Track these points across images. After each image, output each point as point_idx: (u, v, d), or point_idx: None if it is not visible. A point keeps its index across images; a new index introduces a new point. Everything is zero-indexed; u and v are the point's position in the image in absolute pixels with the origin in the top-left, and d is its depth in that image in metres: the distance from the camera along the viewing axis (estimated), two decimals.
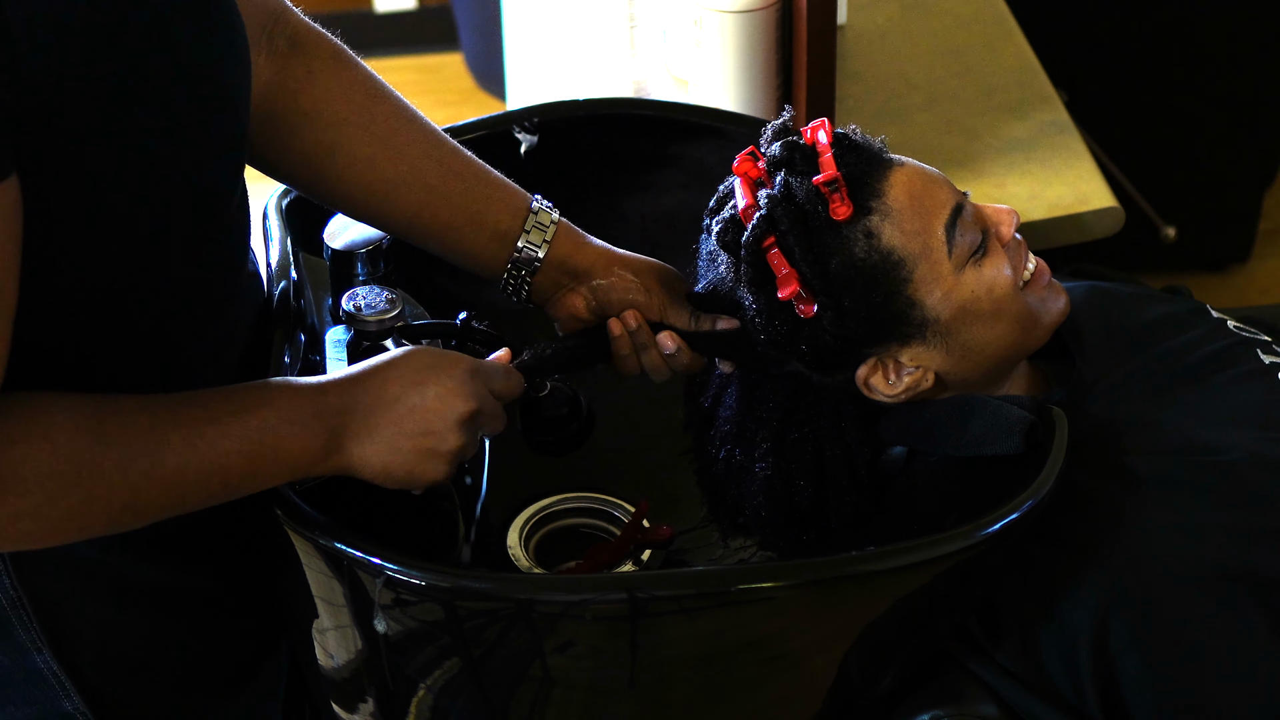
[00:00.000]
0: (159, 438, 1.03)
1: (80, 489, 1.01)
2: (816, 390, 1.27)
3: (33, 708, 1.18)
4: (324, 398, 1.10)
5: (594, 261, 1.28)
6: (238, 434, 1.06)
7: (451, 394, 1.13)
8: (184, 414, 1.05)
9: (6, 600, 1.13)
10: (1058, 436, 1.18)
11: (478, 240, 1.26)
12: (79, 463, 1.00)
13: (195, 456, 1.04)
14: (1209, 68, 2.50)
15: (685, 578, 1.20)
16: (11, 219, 0.93)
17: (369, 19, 3.45)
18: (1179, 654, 1.17)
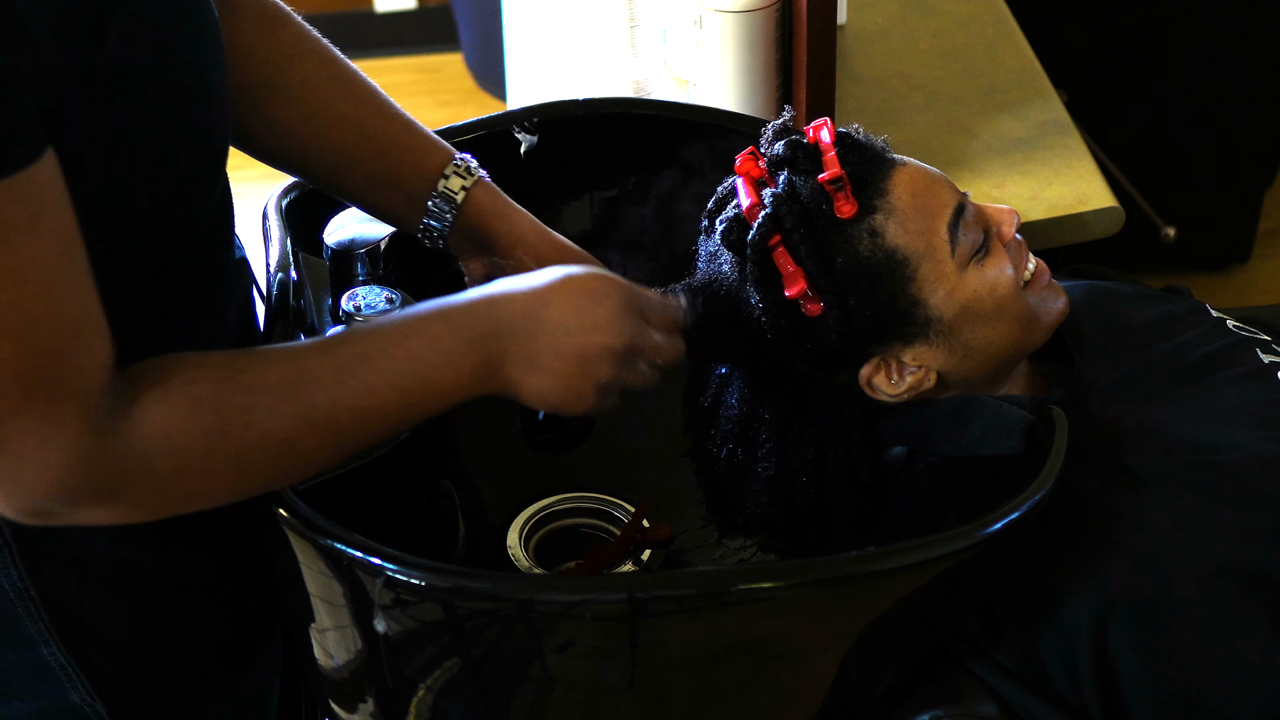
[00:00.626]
0: (305, 379, 1.03)
1: (232, 439, 1.01)
2: (819, 390, 1.27)
3: (39, 701, 1.18)
4: (476, 321, 1.08)
5: (500, 237, 1.26)
6: (386, 368, 1.05)
7: (602, 327, 1.10)
8: (331, 353, 1.05)
9: (14, 592, 1.13)
10: (1057, 436, 1.18)
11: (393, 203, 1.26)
12: (226, 414, 1.00)
13: (346, 394, 1.03)
14: (1209, 67, 2.50)
15: (685, 578, 1.20)
16: (63, 188, 0.94)
17: (369, 19, 3.45)
18: (1179, 653, 1.17)
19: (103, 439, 0.97)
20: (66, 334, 0.95)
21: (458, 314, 1.08)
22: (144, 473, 1.00)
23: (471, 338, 1.08)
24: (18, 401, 0.94)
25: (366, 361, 1.05)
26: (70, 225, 0.94)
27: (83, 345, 0.96)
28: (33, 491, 0.97)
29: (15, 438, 0.95)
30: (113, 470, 0.98)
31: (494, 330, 1.08)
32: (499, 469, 1.45)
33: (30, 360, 0.93)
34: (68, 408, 0.95)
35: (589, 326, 1.10)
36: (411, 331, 1.07)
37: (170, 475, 1.00)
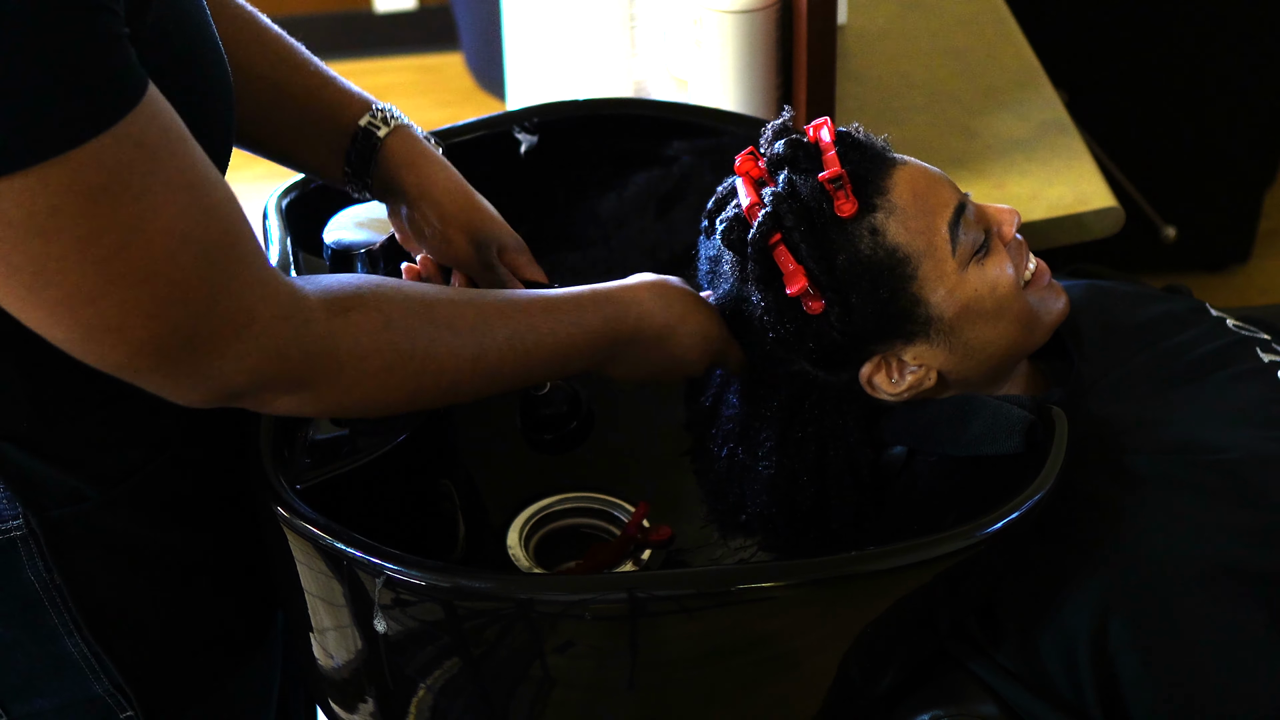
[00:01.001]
0: (487, 332, 1.13)
1: (415, 362, 1.10)
2: (820, 389, 1.27)
3: (60, 696, 1.18)
4: (623, 324, 1.20)
5: (408, 187, 1.29)
6: (549, 344, 1.16)
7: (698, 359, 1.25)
8: (509, 314, 1.15)
9: (39, 583, 1.13)
10: (1057, 436, 1.18)
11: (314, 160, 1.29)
12: (414, 338, 1.09)
13: (513, 355, 1.14)
14: (1209, 67, 2.50)
15: (685, 578, 1.20)
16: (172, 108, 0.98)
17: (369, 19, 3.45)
18: (1179, 654, 1.17)
19: (292, 328, 1.03)
20: (228, 227, 1.00)
21: (614, 314, 1.20)
22: (331, 369, 1.06)
23: (615, 338, 1.20)
24: (207, 303, 0.99)
25: (535, 334, 1.16)
26: (184, 127, 0.99)
27: (243, 233, 1.02)
28: (232, 381, 1.03)
29: (211, 337, 1.00)
30: (302, 361, 1.05)
31: (632, 336, 1.21)
32: (499, 469, 1.45)
33: (206, 264, 0.98)
34: (252, 297, 1.01)
35: (690, 355, 1.24)
36: (577, 318, 1.18)
37: (353, 378, 1.07)
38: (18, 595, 1.14)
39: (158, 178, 0.95)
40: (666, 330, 1.22)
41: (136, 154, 0.94)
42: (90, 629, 1.16)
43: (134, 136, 0.93)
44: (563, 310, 1.17)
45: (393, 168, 1.28)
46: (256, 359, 1.02)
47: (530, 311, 1.16)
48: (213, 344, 1.00)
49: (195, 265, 0.97)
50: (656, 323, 1.21)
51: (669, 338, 1.22)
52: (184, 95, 1.04)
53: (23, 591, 1.14)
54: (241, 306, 1.00)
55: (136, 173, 0.94)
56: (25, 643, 1.16)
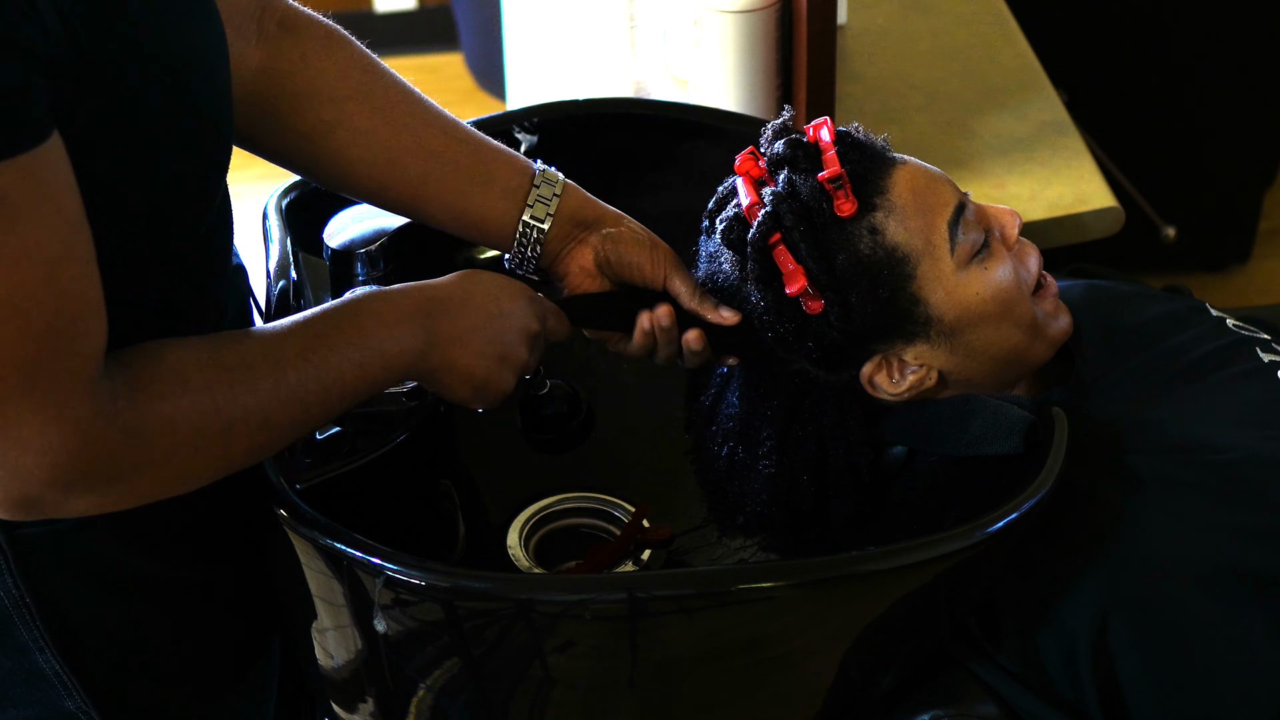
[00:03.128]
0: (277, 356, 1.08)
1: (221, 415, 1.05)
2: (820, 388, 1.27)
3: (33, 709, 1.18)
4: (412, 299, 1.16)
5: (603, 213, 1.29)
6: (343, 344, 1.11)
7: (522, 311, 1.20)
8: (294, 334, 1.10)
9: (9, 599, 1.12)
10: (1057, 436, 1.18)
11: (487, 200, 1.26)
12: (213, 391, 1.04)
13: (312, 370, 1.09)
14: (1209, 68, 2.50)
15: (685, 578, 1.20)
16: (69, 171, 0.94)
17: (369, 19, 3.45)
18: (1179, 654, 1.17)
19: (103, 422, 0.98)
20: (69, 317, 0.95)
21: (395, 293, 1.16)
22: (141, 454, 1.01)
23: (412, 311, 1.15)
24: (19, 386, 0.94)
25: (325, 340, 1.11)
26: (76, 208, 0.95)
27: (84, 329, 0.97)
28: (31, 478, 0.97)
29: (15, 422, 0.95)
30: (112, 454, 0.99)
31: (428, 306, 1.16)
32: (499, 469, 1.45)
33: (33, 344, 0.94)
34: (69, 392, 0.96)
35: (508, 310, 1.19)
36: (358, 310, 1.13)
37: (166, 455, 1.03)
38: None
39: (10, 239, 0.91)
40: (462, 291, 1.18)
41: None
42: (58, 648, 1.15)
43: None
44: (340, 309, 1.13)
45: (577, 206, 1.28)
46: (61, 454, 0.96)
47: (311, 322, 1.11)
48: (17, 430, 0.95)
49: (19, 342, 0.93)
50: (448, 287, 1.17)
51: (469, 299, 1.17)
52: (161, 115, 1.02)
53: None
54: (56, 398, 0.95)
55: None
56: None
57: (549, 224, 1.27)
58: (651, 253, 1.27)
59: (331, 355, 1.10)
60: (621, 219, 1.29)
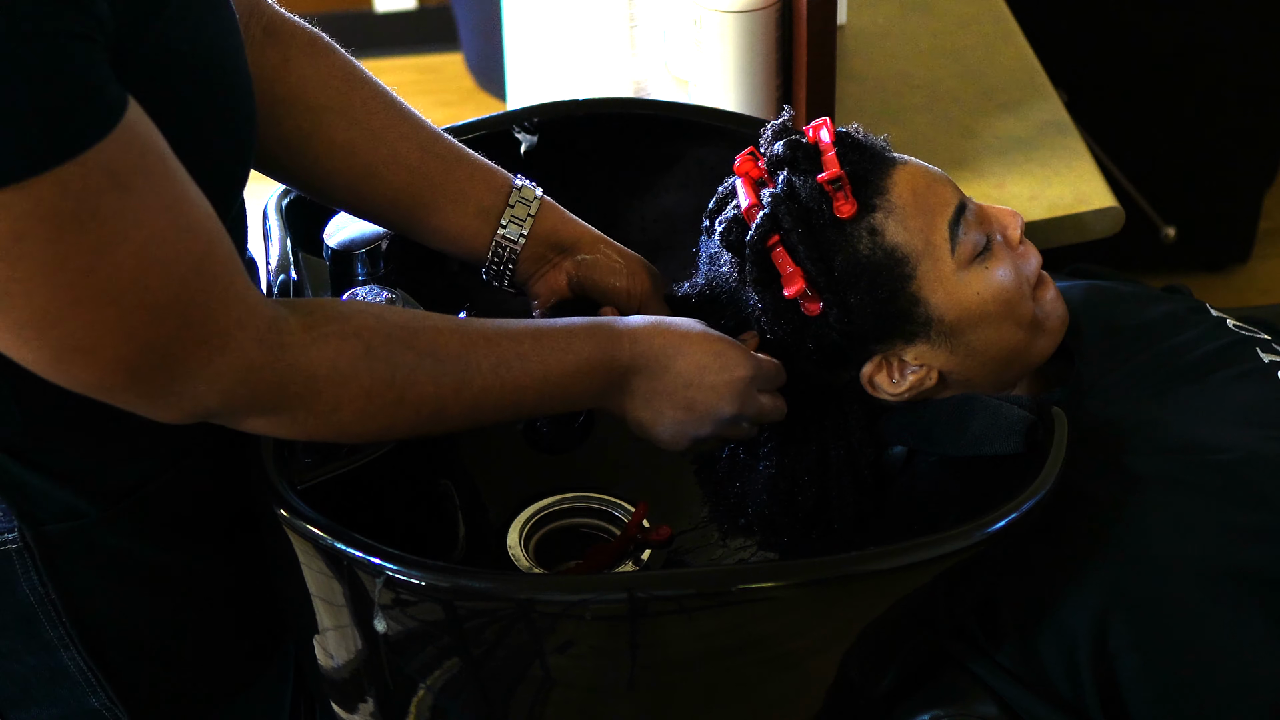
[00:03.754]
0: (471, 360, 1.10)
1: (395, 390, 1.08)
2: (821, 389, 1.27)
3: (58, 707, 1.18)
4: (620, 350, 1.16)
5: (580, 236, 1.28)
6: (538, 373, 1.13)
7: (721, 393, 1.19)
8: (495, 342, 1.12)
9: (34, 597, 1.13)
10: (1057, 436, 1.18)
11: (461, 218, 1.26)
12: (394, 365, 1.07)
13: (499, 383, 1.12)
14: (1209, 68, 2.50)
15: (685, 578, 1.20)
16: (151, 123, 0.97)
17: (369, 19, 3.45)
18: (1179, 654, 1.17)
19: (268, 351, 1.02)
20: (202, 248, 0.99)
21: (607, 339, 1.16)
22: (307, 394, 1.05)
23: (611, 364, 1.16)
24: (179, 323, 0.98)
25: (523, 362, 1.13)
26: (168, 150, 0.98)
27: (218, 253, 1.00)
28: (204, 401, 1.02)
29: (183, 357, 0.99)
30: (277, 384, 1.03)
31: (630, 363, 1.17)
32: (499, 469, 1.45)
33: (178, 284, 0.97)
34: (227, 321, 1.00)
35: (708, 387, 1.18)
36: (567, 346, 1.15)
37: (330, 404, 1.06)
38: (13, 608, 1.14)
39: (129, 203, 0.94)
40: (666, 354, 1.17)
41: (106, 181, 0.93)
42: (84, 644, 1.16)
43: (104, 164, 0.92)
44: (552, 338, 1.14)
45: (552, 227, 1.28)
46: (230, 381, 1.01)
47: (518, 339, 1.13)
48: (186, 365, 0.99)
49: (166, 287, 0.97)
50: (654, 347, 1.17)
51: (670, 364, 1.17)
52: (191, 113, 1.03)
53: (18, 604, 1.13)
54: (216, 329, 0.99)
55: (106, 198, 0.93)
56: (22, 654, 1.16)
57: (522, 243, 1.27)
58: (628, 282, 1.28)
59: (522, 378, 1.12)
60: (600, 244, 1.29)
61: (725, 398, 1.19)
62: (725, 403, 1.19)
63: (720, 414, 1.19)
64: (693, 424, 1.20)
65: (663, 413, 1.19)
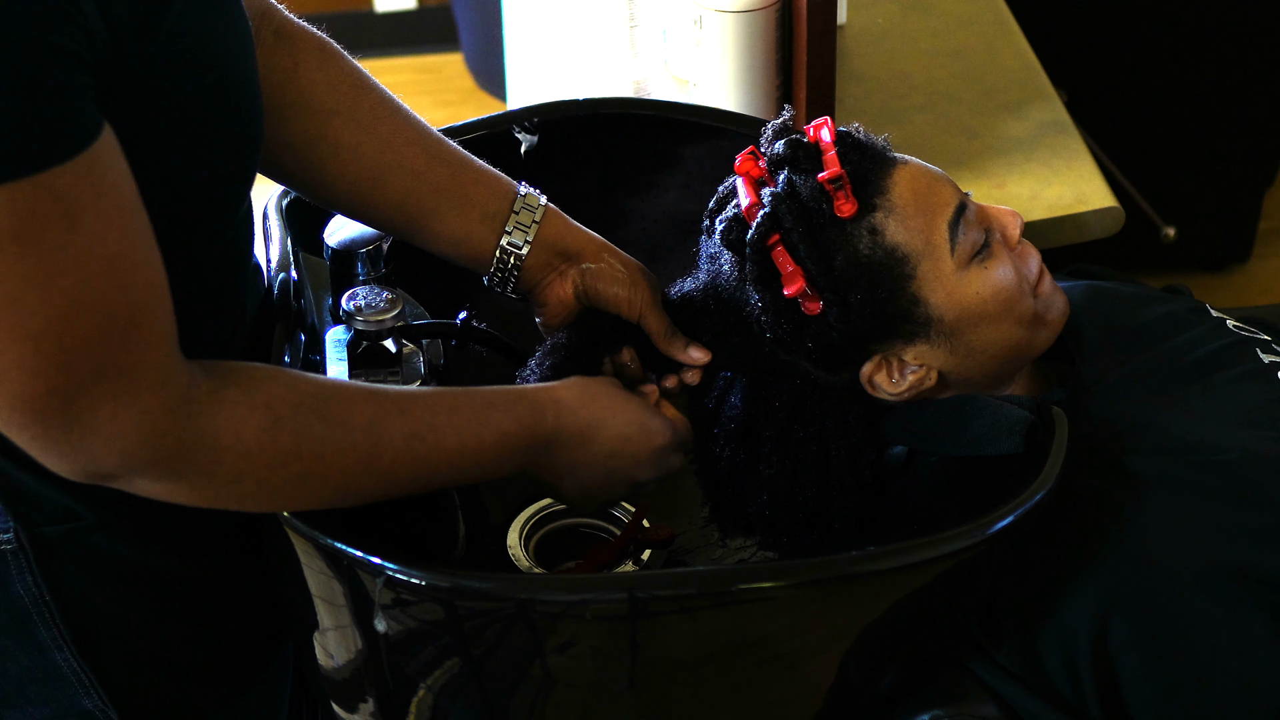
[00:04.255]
0: (381, 430, 1.08)
1: (300, 462, 1.05)
2: (822, 389, 1.27)
3: (51, 706, 1.18)
4: (541, 426, 1.16)
5: (584, 244, 1.28)
6: (453, 445, 1.11)
7: (642, 462, 1.21)
8: (409, 414, 1.10)
9: (29, 598, 1.13)
10: (1058, 436, 1.18)
11: (466, 224, 1.26)
12: (301, 437, 1.05)
13: (410, 455, 1.10)
14: (1209, 68, 2.50)
15: (685, 578, 1.20)
16: (124, 162, 0.96)
17: (369, 19, 3.45)
18: (1179, 654, 1.17)
19: (174, 418, 1.00)
20: (133, 308, 0.97)
21: (528, 413, 1.15)
22: (208, 462, 1.02)
23: (532, 441, 1.15)
24: (90, 375, 0.96)
25: (437, 435, 1.11)
26: (133, 198, 0.97)
27: (150, 317, 0.99)
28: (100, 459, 1.00)
29: (88, 408, 0.97)
30: (179, 450, 1.01)
31: (552, 438, 1.16)
32: None
33: (100, 336, 0.96)
34: (139, 382, 0.98)
35: (629, 456, 1.20)
36: (485, 420, 1.13)
37: (232, 474, 1.03)
38: (8, 608, 1.14)
39: (72, 239, 0.93)
40: (590, 427, 1.17)
41: (55, 209, 0.91)
42: (78, 646, 1.16)
43: (57, 190, 0.91)
44: (469, 409, 1.13)
45: (557, 234, 1.27)
46: (130, 442, 0.99)
47: (434, 409, 1.11)
48: (88, 417, 0.97)
49: (88, 334, 0.95)
50: (579, 419, 1.17)
51: (595, 436, 1.17)
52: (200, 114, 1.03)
53: (12, 605, 1.13)
54: (126, 387, 0.97)
55: (52, 228, 0.91)
56: (16, 654, 1.16)
57: (526, 250, 1.26)
58: (630, 291, 1.27)
59: (435, 452, 1.11)
60: (604, 251, 1.29)
61: (644, 465, 1.21)
62: (644, 470, 1.22)
63: (637, 479, 1.22)
64: (607, 490, 1.22)
65: (584, 483, 1.20)
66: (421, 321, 1.29)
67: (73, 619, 1.15)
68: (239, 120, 1.08)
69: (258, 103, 1.11)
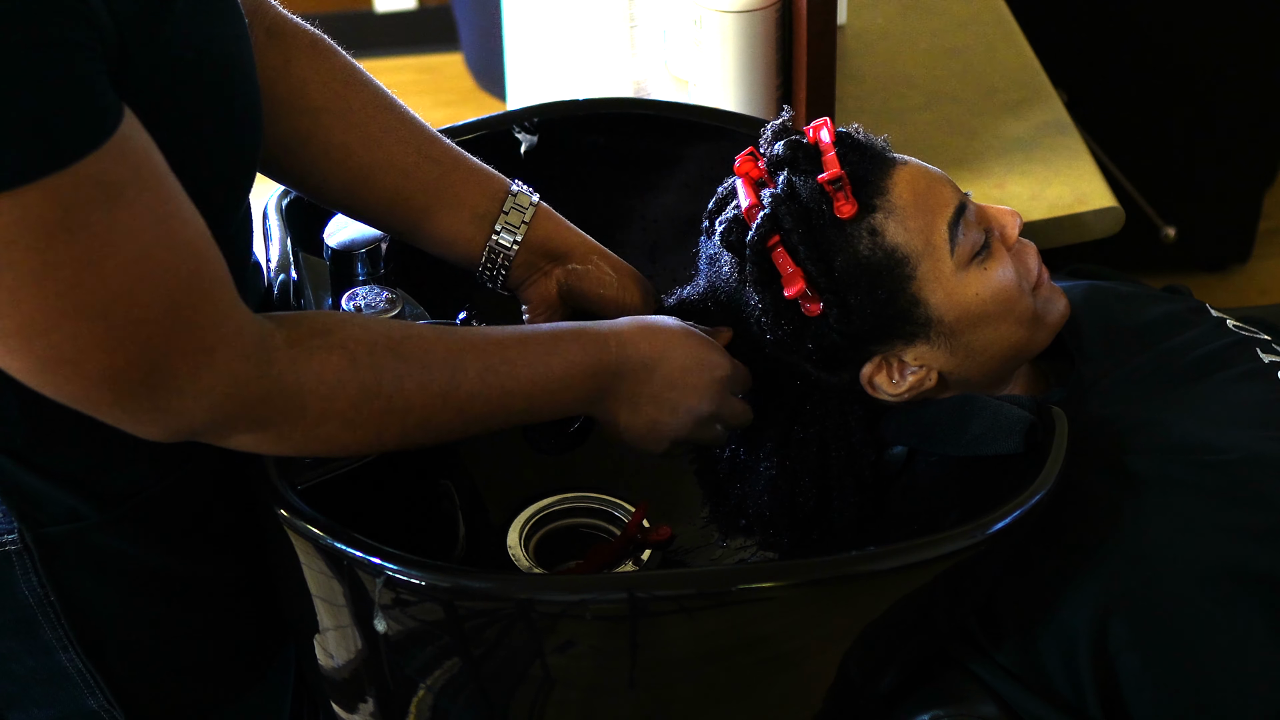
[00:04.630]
0: (457, 365, 1.10)
1: (381, 399, 1.07)
2: (822, 390, 1.27)
3: (55, 708, 1.18)
4: (606, 354, 1.16)
5: (574, 245, 1.28)
6: (525, 377, 1.13)
7: (702, 393, 1.20)
8: (481, 348, 1.12)
9: (34, 598, 1.13)
10: (1058, 436, 1.18)
11: (455, 223, 1.26)
12: (380, 373, 1.07)
13: (486, 388, 1.11)
14: (1208, 68, 2.50)
15: (685, 578, 1.20)
16: (147, 135, 0.97)
17: (369, 19, 3.45)
18: (1179, 654, 1.17)
19: (255, 364, 1.02)
20: (194, 265, 0.99)
21: (593, 343, 1.17)
22: (293, 408, 1.04)
23: (598, 369, 1.16)
24: (166, 339, 0.98)
25: (510, 367, 1.12)
26: (164, 165, 0.98)
27: (209, 272, 1.00)
28: (192, 418, 1.02)
29: (170, 372, 0.99)
30: (264, 399, 1.03)
31: (617, 368, 1.17)
32: (499, 469, 1.45)
33: (167, 300, 0.97)
34: (215, 337, 1.00)
35: (690, 388, 1.19)
36: (553, 350, 1.15)
37: (317, 417, 1.06)
38: (12, 608, 1.14)
39: (119, 216, 0.94)
40: (652, 358, 1.18)
41: (97, 193, 0.93)
42: (83, 646, 1.16)
43: (96, 175, 0.92)
44: (539, 343, 1.15)
45: (546, 235, 1.27)
46: (216, 397, 1.01)
47: (505, 345, 1.13)
48: (172, 380, 0.99)
49: (154, 301, 0.96)
50: (641, 350, 1.18)
51: (657, 366, 1.18)
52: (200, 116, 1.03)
53: (17, 605, 1.13)
54: (202, 344, 0.99)
55: (96, 210, 0.93)
56: (21, 654, 1.16)
57: (515, 250, 1.27)
58: (618, 294, 1.28)
59: (509, 383, 1.12)
60: (594, 254, 1.29)
61: (705, 398, 1.20)
62: (705, 403, 1.21)
63: (699, 414, 1.21)
64: (672, 426, 1.21)
65: (648, 415, 1.20)
66: (421, 322, 1.29)
67: (77, 619, 1.15)
68: (239, 120, 1.09)
69: (258, 102, 1.11)
